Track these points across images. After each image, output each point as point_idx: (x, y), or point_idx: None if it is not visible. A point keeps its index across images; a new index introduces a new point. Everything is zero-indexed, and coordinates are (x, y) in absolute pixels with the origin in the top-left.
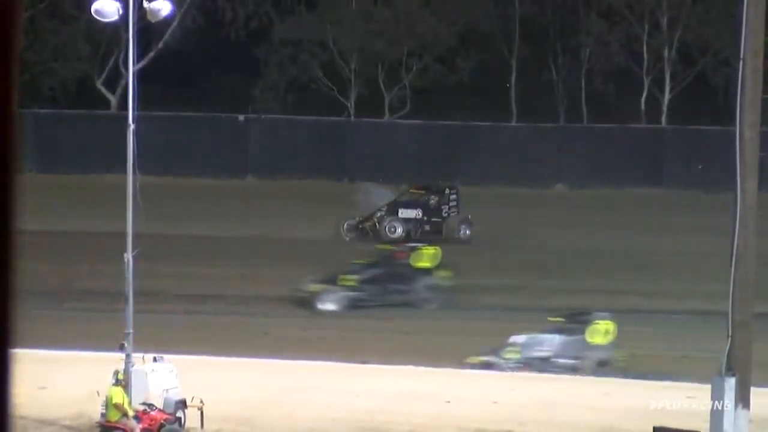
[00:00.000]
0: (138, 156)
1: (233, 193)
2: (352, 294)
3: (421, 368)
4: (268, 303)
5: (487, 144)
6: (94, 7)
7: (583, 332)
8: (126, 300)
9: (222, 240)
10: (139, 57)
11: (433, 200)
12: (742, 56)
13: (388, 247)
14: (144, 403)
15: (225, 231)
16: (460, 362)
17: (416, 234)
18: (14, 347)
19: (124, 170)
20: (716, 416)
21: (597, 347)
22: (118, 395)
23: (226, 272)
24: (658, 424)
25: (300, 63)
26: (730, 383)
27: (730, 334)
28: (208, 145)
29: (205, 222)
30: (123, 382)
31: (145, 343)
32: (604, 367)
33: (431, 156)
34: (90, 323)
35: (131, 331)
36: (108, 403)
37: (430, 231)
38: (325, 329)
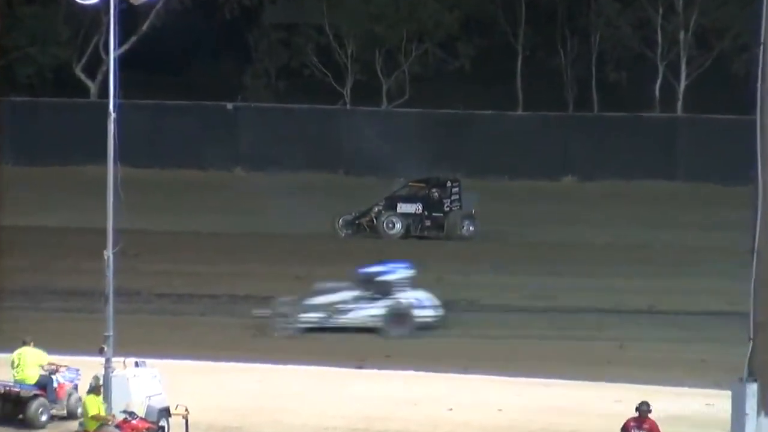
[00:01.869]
0: (120, 147)
1: (222, 187)
2: None
3: (422, 373)
4: (259, 303)
5: (490, 134)
6: None
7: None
8: (106, 300)
9: (210, 236)
10: (120, 41)
11: (434, 194)
12: (762, 41)
13: None
14: (125, 411)
15: (213, 226)
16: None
17: (416, 230)
18: None
19: (105, 162)
20: (737, 424)
21: None
22: (93, 404)
23: (215, 270)
24: None
25: (293, 47)
26: (752, 389)
27: (751, 336)
28: (195, 136)
29: (191, 217)
30: (99, 389)
31: (127, 347)
32: None
33: (432, 147)
34: (69, 324)
35: (111, 333)
36: (85, 413)
37: (431, 227)
38: (319, 330)
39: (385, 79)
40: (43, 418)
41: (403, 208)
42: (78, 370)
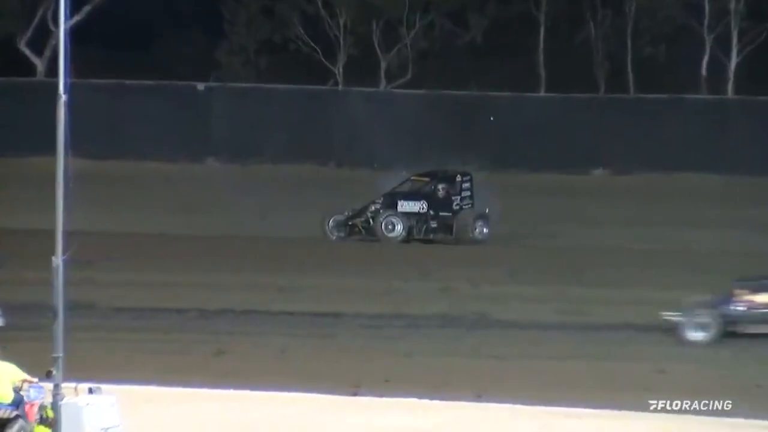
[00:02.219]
0: (72, 135)
1: (192, 180)
2: None
3: (426, 401)
4: (235, 319)
5: (508, 119)
6: None
7: None
8: (54, 315)
9: (177, 239)
10: (72, 10)
11: (441, 190)
12: None
13: None
14: None
15: (181, 227)
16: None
17: (420, 232)
18: None
19: (54, 153)
20: None
21: None
22: None
23: (183, 279)
24: None
25: (275, 18)
26: None
27: None
28: (161, 121)
29: (156, 216)
30: (50, 420)
31: (80, 370)
32: None
33: (438, 134)
34: (11, 344)
35: (61, 354)
36: None
37: (437, 228)
38: (303, 348)
39: (383, 56)
40: None
41: (404, 206)
42: (42, 388)
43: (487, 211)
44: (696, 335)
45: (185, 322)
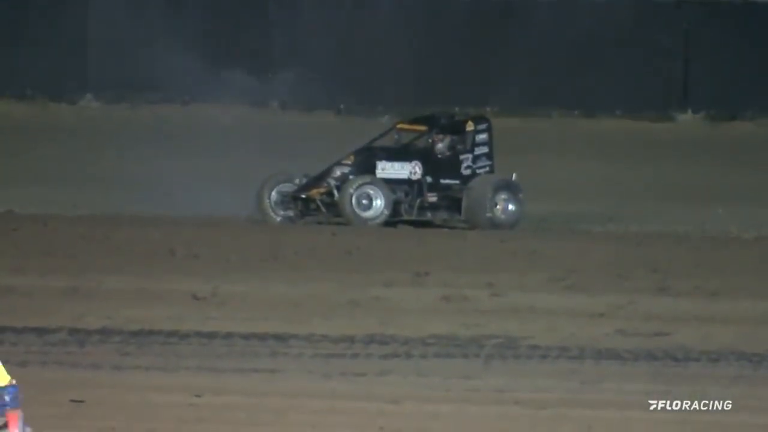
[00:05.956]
0: None
1: (55, 130)
2: None
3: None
4: (123, 342)
5: (548, 34)
6: None
7: None
8: None
9: (36, 220)
10: None
11: (442, 143)
12: None
13: None
14: None
15: (38, 203)
16: None
17: (411, 210)
18: None
19: None
20: None
21: None
22: None
23: (45, 283)
24: None
25: None
26: None
27: None
28: (9, 34)
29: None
30: None
31: None
32: None
33: (440, 57)
34: None
35: None
36: None
37: (438, 204)
38: (223, 395)
39: None
40: None
41: (386, 169)
42: (16, 389)
43: (514, 177)
44: None
45: (51, 347)
